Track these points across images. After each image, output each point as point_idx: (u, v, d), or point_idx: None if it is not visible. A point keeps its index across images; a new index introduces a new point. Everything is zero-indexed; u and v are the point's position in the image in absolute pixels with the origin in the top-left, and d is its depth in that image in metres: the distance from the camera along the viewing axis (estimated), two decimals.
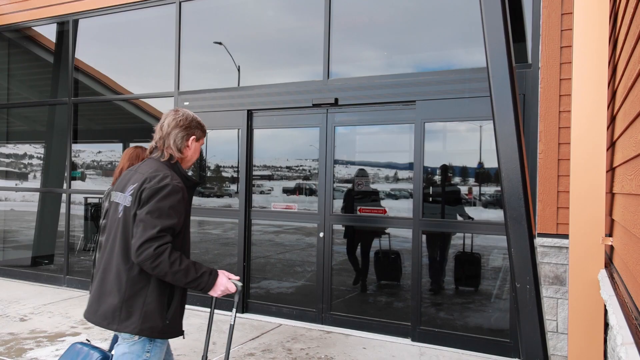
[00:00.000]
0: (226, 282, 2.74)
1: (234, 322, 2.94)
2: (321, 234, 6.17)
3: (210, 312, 2.99)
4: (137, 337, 2.58)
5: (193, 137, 2.85)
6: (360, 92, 5.95)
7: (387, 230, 6.09)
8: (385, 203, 6.13)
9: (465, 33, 5.74)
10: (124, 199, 2.65)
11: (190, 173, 6.98)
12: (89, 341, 3.29)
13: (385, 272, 6.13)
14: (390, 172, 6.21)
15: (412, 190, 5.74)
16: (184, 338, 2.79)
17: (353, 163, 6.34)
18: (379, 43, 6.29)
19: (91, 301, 2.66)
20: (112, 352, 2.82)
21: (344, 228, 6.25)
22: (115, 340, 3.61)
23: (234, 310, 2.93)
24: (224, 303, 6.50)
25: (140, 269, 2.54)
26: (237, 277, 2.83)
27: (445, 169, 5.69)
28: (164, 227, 2.51)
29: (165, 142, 2.76)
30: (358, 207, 6.18)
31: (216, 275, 2.72)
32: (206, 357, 2.95)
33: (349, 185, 6.28)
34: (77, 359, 3.13)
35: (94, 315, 2.61)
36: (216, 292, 2.71)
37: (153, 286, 2.59)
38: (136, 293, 2.56)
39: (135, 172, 2.72)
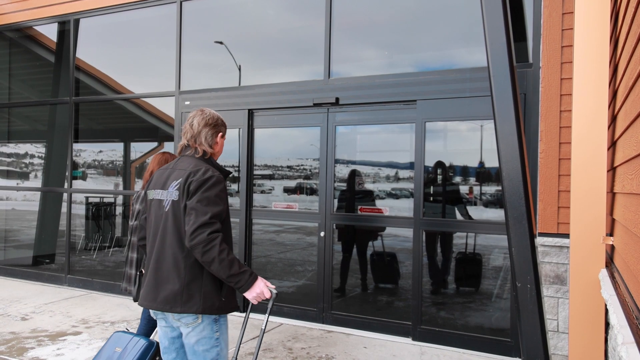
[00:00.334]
0: (263, 287, 2.85)
1: (265, 327, 3.04)
2: (322, 234, 6.17)
3: (246, 316, 3.07)
4: (200, 319, 2.77)
5: (220, 133, 3.10)
6: (361, 92, 5.95)
7: (387, 230, 6.09)
8: (386, 202, 6.13)
9: (466, 32, 5.74)
10: (168, 194, 2.84)
11: None
12: (128, 330, 3.58)
13: (385, 272, 6.14)
14: (391, 172, 6.21)
15: (412, 189, 5.74)
16: (240, 312, 2.88)
17: (354, 162, 6.34)
18: (379, 42, 6.29)
19: (147, 290, 2.83)
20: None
21: (337, 229, 6.25)
22: (143, 332, 4.01)
23: (267, 315, 3.04)
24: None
25: None
26: (273, 286, 2.94)
27: (442, 167, 5.68)
28: (214, 213, 2.73)
29: (196, 140, 2.98)
30: (359, 207, 6.19)
31: (255, 278, 2.83)
32: (236, 359, 3.03)
33: (343, 186, 6.28)
34: (124, 345, 3.44)
35: (153, 302, 2.79)
36: (251, 294, 2.81)
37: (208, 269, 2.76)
38: (195, 277, 2.76)
39: (174, 170, 2.92)
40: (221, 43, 7.05)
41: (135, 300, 4.20)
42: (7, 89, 9.10)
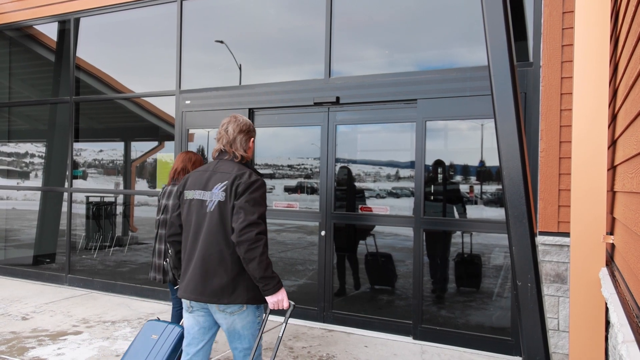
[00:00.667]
0: (284, 296, 3.10)
1: (282, 335, 3.25)
2: (322, 233, 6.17)
3: (265, 318, 3.23)
4: (245, 307, 3.06)
5: (252, 139, 3.35)
6: (362, 91, 5.95)
7: (388, 229, 6.09)
8: (386, 202, 6.13)
9: (466, 31, 5.74)
10: (212, 195, 3.08)
11: None
12: (159, 319, 3.80)
13: (386, 271, 6.14)
14: (392, 171, 6.21)
15: (413, 188, 5.75)
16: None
17: (355, 161, 6.34)
18: (380, 41, 6.29)
19: (194, 284, 3.04)
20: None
21: (337, 228, 6.25)
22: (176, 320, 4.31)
23: (284, 325, 3.25)
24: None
25: None
26: (292, 302, 3.19)
27: (442, 166, 5.68)
28: (260, 213, 3.01)
29: (232, 145, 3.22)
30: (360, 206, 6.19)
31: (281, 286, 3.09)
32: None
33: (344, 186, 6.29)
34: (160, 332, 3.66)
35: (201, 295, 3.02)
36: (273, 299, 3.06)
37: None
38: (240, 271, 3.03)
39: (215, 172, 3.15)
40: (222, 42, 7.05)
41: (163, 283, 4.50)
42: (8, 88, 9.10)
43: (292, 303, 3.16)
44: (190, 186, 3.21)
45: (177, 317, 4.52)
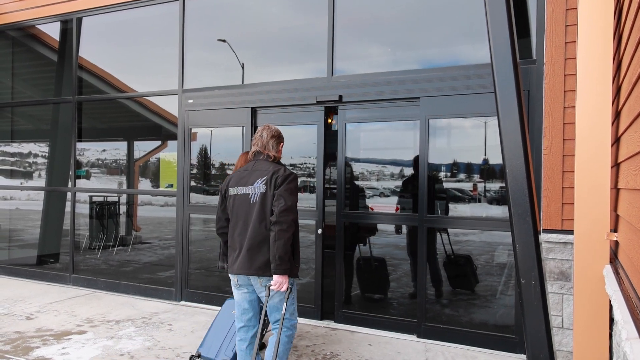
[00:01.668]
0: (286, 281, 3.64)
1: (285, 312, 3.71)
2: (319, 231, 6.17)
3: (267, 298, 3.70)
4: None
5: (282, 143, 4.06)
6: (364, 89, 5.95)
7: (388, 227, 6.09)
8: (389, 200, 6.13)
9: (469, 29, 5.73)
10: (254, 189, 3.76)
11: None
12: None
13: (389, 270, 6.14)
14: (395, 169, 6.20)
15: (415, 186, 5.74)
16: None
17: (358, 160, 6.33)
18: (382, 40, 6.29)
19: (242, 262, 3.71)
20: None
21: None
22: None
23: (285, 304, 3.69)
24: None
25: None
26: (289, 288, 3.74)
27: (446, 164, 5.68)
28: (295, 201, 3.71)
29: (266, 147, 3.94)
30: (369, 205, 6.19)
31: (288, 272, 3.63)
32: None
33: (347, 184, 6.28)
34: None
35: (248, 270, 3.69)
36: (279, 279, 3.61)
37: None
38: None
39: (254, 170, 3.85)
40: (224, 41, 7.05)
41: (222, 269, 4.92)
42: (10, 88, 9.12)
43: (291, 289, 3.70)
44: (233, 184, 3.89)
45: None
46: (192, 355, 4.62)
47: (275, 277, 3.59)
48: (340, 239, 6.14)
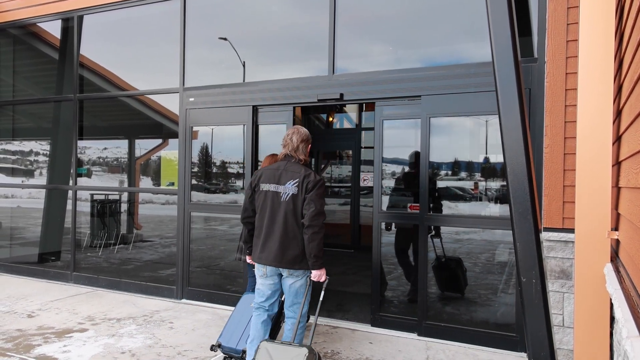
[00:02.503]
0: (323, 273, 4.12)
1: (322, 298, 4.19)
2: None
3: (308, 287, 4.18)
4: (304, 272, 4.11)
5: (309, 145, 4.33)
6: (366, 87, 5.94)
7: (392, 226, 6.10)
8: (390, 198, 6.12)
9: (470, 27, 5.72)
10: (285, 188, 4.09)
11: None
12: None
13: (391, 269, 6.14)
14: (397, 168, 6.20)
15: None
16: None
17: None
18: (384, 38, 6.28)
19: (274, 254, 4.06)
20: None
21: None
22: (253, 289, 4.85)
23: (322, 292, 4.19)
24: (231, 299, 6.56)
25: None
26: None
27: (447, 162, 5.68)
28: (324, 205, 4.09)
29: (296, 151, 4.23)
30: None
31: (323, 265, 4.10)
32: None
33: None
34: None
35: (280, 262, 4.06)
36: (317, 272, 4.08)
37: None
38: (304, 247, 4.04)
39: (286, 171, 4.15)
40: (225, 39, 7.05)
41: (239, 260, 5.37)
42: (12, 86, 9.12)
43: (328, 277, 4.19)
44: (264, 180, 4.19)
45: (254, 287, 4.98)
46: (213, 345, 4.71)
47: (314, 272, 4.07)
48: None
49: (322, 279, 4.13)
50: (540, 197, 4.94)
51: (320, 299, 4.19)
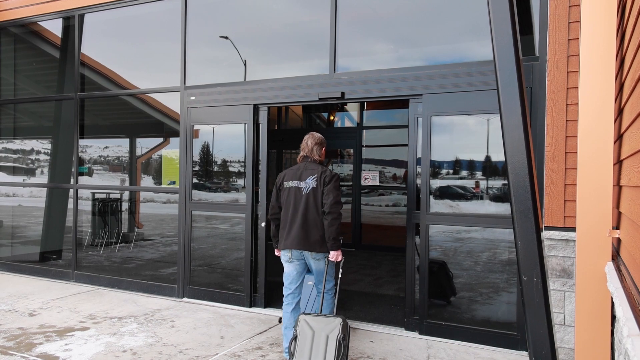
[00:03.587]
0: (340, 253, 4.70)
1: (340, 275, 4.92)
2: (262, 224, 6.53)
3: (327, 266, 4.75)
4: (324, 255, 4.70)
5: (324, 148, 4.96)
6: (367, 86, 5.94)
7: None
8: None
9: (472, 26, 5.72)
10: (306, 184, 4.70)
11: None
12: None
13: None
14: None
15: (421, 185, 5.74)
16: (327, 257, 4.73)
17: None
18: (385, 36, 6.28)
19: (299, 239, 4.65)
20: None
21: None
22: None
23: (340, 270, 4.90)
24: (232, 297, 6.57)
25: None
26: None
27: (448, 161, 5.67)
28: (341, 195, 4.72)
29: (311, 153, 4.86)
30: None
31: (340, 246, 4.68)
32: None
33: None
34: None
35: (304, 246, 4.65)
36: (335, 252, 4.65)
37: None
38: (323, 234, 4.63)
39: (305, 169, 4.77)
40: (226, 38, 7.05)
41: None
42: (13, 85, 9.13)
43: (343, 257, 4.78)
44: (287, 179, 4.82)
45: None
46: (280, 318, 5.12)
47: (332, 252, 4.63)
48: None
49: (339, 259, 4.70)
50: (542, 196, 4.94)
51: (339, 275, 4.90)
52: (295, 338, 4.19)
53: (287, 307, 4.84)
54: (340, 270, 4.91)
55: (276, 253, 4.99)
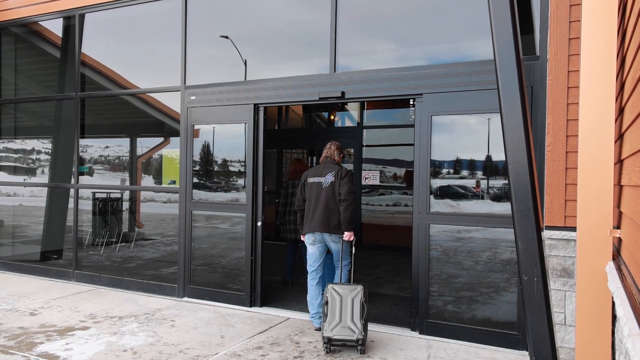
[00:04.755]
0: (352, 234, 5.50)
1: (354, 252, 5.61)
2: (259, 223, 6.61)
3: (342, 246, 5.60)
4: (340, 237, 5.55)
5: (342, 153, 5.88)
6: (367, 86, 5.94)
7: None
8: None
9: (472, 25, 5.71)
10: (325, 179, 5.58)
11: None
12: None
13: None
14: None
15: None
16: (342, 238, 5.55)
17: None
18: (385, 36, 6.27)
19: (321, 224, 5.54)
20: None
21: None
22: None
23: (354, 248, 5.59)
24: (233, 297, 6.57)
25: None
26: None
27: (448, 161, 5.67)
28: (353, 186, 5.60)
29: (332, 155, 5.76)
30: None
31: (354, 228, 5.55)
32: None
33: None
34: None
35: (326, 228, 5.54)
36: (348, 233, 5.47)
37: None
38: (339, 219, 5.51)
39: (326, 168, 5.68)
40: (226, 37, 7.04)
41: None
42: (13, 84, 9.13)
43: (355, 237, 5.52)
44: (311, 175, 5.75)
45: (291, 254, 7.63)
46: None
47: (346, 233, 5.47)
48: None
49: (352, 238, 5.50)
50: (542, 196, 4.94)
51: (353, 251, 5.60)
52: (326, 303, 5.04)
53: (312, 282, 5.72)
54: (354, 248, 5.59)
55: (301, 238, 5.83)
